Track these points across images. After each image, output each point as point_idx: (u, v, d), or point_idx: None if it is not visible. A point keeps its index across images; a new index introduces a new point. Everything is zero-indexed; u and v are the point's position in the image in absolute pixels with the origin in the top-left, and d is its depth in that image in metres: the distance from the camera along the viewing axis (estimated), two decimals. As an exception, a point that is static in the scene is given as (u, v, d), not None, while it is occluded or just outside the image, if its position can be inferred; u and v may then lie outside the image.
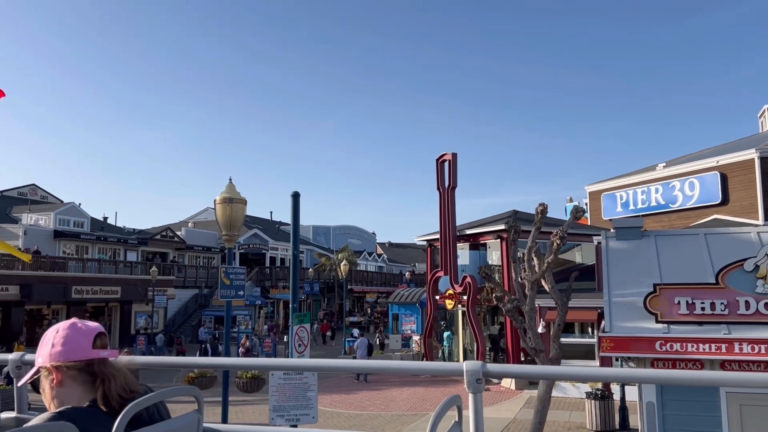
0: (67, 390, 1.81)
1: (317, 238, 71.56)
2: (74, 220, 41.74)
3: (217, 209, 8.70)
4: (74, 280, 34.43)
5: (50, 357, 1.83)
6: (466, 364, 1.81)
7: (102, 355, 1.86)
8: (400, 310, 37.54)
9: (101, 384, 1.80)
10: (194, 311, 45.57)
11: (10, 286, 31.18)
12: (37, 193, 47.91)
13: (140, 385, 1.89)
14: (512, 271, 11.75)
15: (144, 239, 46.30)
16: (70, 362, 1.82)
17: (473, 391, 1.80)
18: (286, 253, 62.14)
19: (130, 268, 40.80)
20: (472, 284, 22.01)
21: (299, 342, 8.07)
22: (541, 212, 12.82)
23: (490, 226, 23.11)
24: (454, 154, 23.38)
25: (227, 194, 8.68)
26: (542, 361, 10.60)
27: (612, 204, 33.06)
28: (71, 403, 1.78)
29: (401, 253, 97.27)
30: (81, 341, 1.85)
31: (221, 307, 43.05)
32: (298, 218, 8.03)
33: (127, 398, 1.77)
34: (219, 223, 8.84)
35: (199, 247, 52.58)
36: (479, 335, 21.66)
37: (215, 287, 48.34)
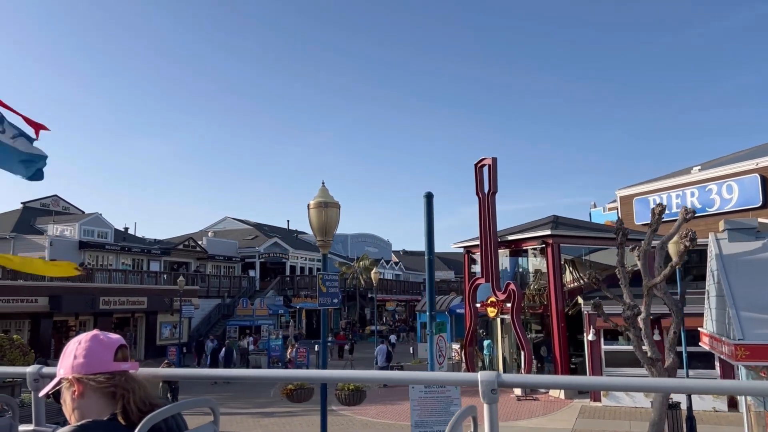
0: (88, 402, 1.82)
1: (335, 246, 71.16)
2: (98, 230, 41.58)
3: (311, 214, 8.31)
4: (101, 291, 34.20)
5: (72, 369, 1.84)
6: (481, 374, 1.77)
7: (123, 368, 1.87)
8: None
9: (121, 397, 1.81)
10: (217, 321, 45.23)
11: (39, 298, 31.00)
12: (59, 204, 47.81)
13: (159, 398, 1.89)
14: (621, 276, 11.25)
15: (167, 249, 46.10)
16: (92, 374, 1.82)
17: (488, 401, 1.76)
18: (306, 262, 61.82)
19: (155, 278, 40.56)
20: (516, 291, 21.54)
21: (439, 353, 7.66)
22: (659, 213, 12.25)
23: (533, 232, 22.65)
24: (494, 159, 22.98)
25: (321, 198, 8.30)
26: (659, 371, 10.13)
27: (645, 209, 32.49)
28: (92, 416, 1.79)
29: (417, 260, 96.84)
30: (103, 354, 1.86)
31: (246, 317, 42.98)
32: (432, 219, 7.66)
33: (146, 411, 1.76)
34: (313, 228, 8.45)
35: (221, 257, 52.32)
36: (525, 344, 21.19)
37: (237, 296, 48.08)
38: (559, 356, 21.12)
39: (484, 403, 1.78)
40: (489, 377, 1.74)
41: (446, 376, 2.04)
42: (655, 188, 32.43)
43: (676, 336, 10.93)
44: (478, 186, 23.52)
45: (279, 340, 31.42)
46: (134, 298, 36.17)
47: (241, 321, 42.65)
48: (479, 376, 1.76)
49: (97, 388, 1.82)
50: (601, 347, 20.04)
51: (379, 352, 25.95)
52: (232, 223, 65.59)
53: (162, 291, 38.96)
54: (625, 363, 20.04)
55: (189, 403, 1.87)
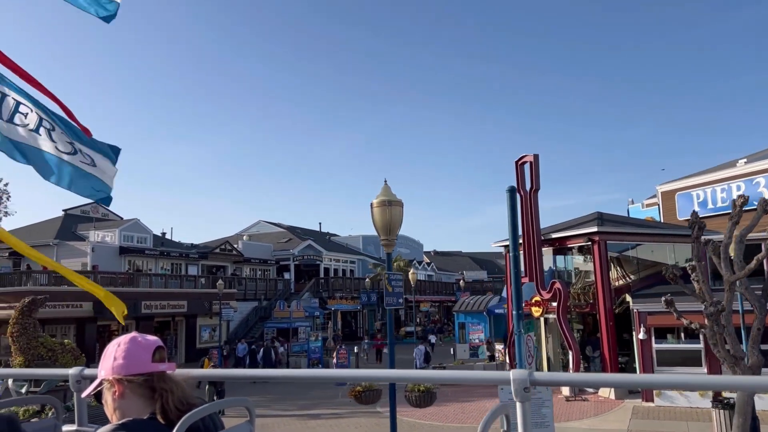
0: (128, 402, 1.87)
1: (367, 248, 71.27)
2: (137, 236, 42.25)
3: (374, 213, 8.23)
4: (143, 296, 34.68)
5: (112, 370, 1.89)
6: (513, 373, 1.77)
7: (161, 369, 1.91)
8: (466, 319, 36.77)
9: (160, 397, 1.86)
10: (255, 323, 45.59)
11: (84, 303, 31.56)
12: (99, 211, 48.72)
13: (196, 397, 1.94)
14: (699, 271, 10.90)
15: (204, 253, 46.63)
16: (131, 375, 1.87)
17: (521, 399, 1.76)
18: (339, 264, 61.97)
19: (194, 282, 41.04)
20: (562, 290, 21.17)
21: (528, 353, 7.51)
22: (741, 205, 11.85)
23: (578, 229, 22.22)
24: (536, 155, 22.64)
25: (384, 197, 8.21)
26: (742, 369, 9.77)
27: (688, 203, 31.70)
28: (132, 415, 1.84)
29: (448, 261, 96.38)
30: (141, 355, 1.91)
31: (283, 319, 43.18)
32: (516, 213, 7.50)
33: (183, 410, 1.82)
34: (377, 227, 8.36)
35: (256, 260, 52.76)
36: (573, 343, 20.81)
37: (274, 299, 48.40)
38: (608, 356, 20.68)
39: (517, 401, 1.76)
40: (521, 375, 1.72)
41: (480, 375, 2.05)
42: (698, 182, 31.61)
43: (760, 333, 10.50)
44: (519, 183, 23.19)
45: (318, 341, 31.44)
46: (174, 302, 36.63)
47: (278, 323, 42.86)
48: (511, 375, 1.75)
49: (136, 389, 1.88)
50: (652, 346, 19.56)
51: (417, 353, 25.84)
52: (266, 226, 66.12)
53: (201, 294, 39.40)
54: (678, 362, 19.56)
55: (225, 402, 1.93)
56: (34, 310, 18.65)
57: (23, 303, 18.60)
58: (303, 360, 31.74)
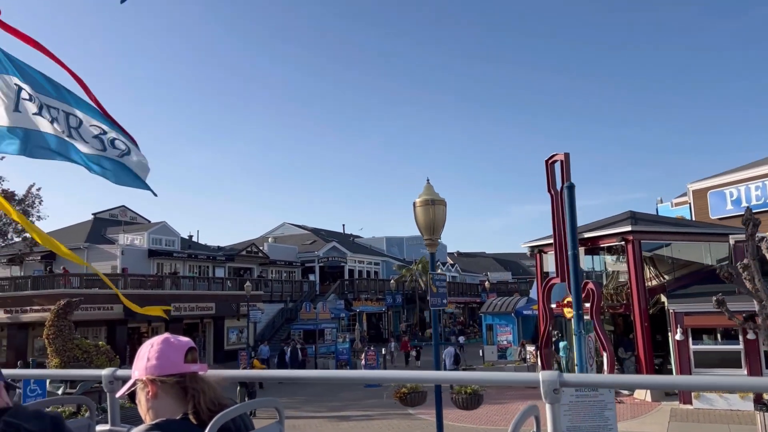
0: (161, 402, 1.89)
1: (391, 250, 71.16)
2: (165, 239, 42.69)
3: (417, 212, 8.12)
4: (172, 298, 35.00)
5: (146, 370, 1.92)
6: (542, 374, 1.76)
7: (193, 369, 1.93)
8: (494, 321, 36.44)
9: (192, 397, 1.88)
10: (281, 325, 45.77)
11: (114, 305, 31.94)
12: (127, 214, 49.35)
13: (227, 398, 1.96)
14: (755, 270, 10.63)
15: (231, 255, 46.95)
16: (164, 376, 1.89)
17: (550, 401, 1.75)
18: (363, 266, 61.96)
19: (221, 284, 41.33)
20: (596, 290, 20.83)
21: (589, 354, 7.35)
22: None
23: (611, 228, 21.85)
24: (566, 154, 22.29)
25: (428, 196, 8.09)
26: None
27: (720, 202, 31.04)
28: (165, 415, 1.86)
29: (471, 262, 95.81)
30: (173, 356, 1.93)
31: (310, 321, 43.25)
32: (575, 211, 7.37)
33: (215, 411, 1.84)
34: (420, 226, 8.25)
35: (281, 262, 52.98)
36: (607, 344, 20.45)
37: (299, 300, 48.54)
38: (643, 357, 20.30)
39: (546, 403, 1.74)
40: (551, 377, 1.71)
41: (510, 377, 2.04)
42: (731, 180, 30.92)
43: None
44: (550, 183, 22.90)
45: (346, 343, 31.40)
46: (203, 304, 36.94)
47: (304, 325, 42.93)
48: (540, 376, 1.74)
49: (169, 389, 1.90)
50: (690, 347, 19.15)
51: (446, 355, 25.61)
52: (291, 228, 66.38)
53: (228, 296, 39.68)
54: (716, 363, 19.12)
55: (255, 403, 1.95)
56: (69, 312, 18.90)
57: (59, 305, 18.87)
58: (331, 361, 31.73)
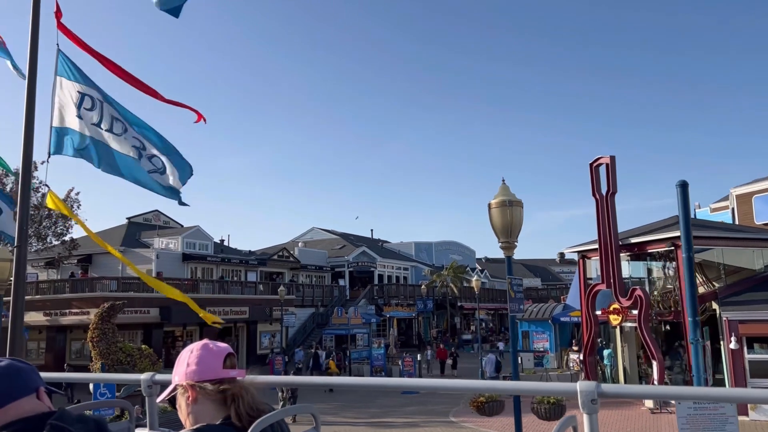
0: (201, 407, 1.91)
1: (419, 255, 70.76)
2: (199, 243, 42.91)
3: (492, 214, 7.82)
4: (207, 302, 35.05)
5: (186, 376, 1.94)
6: (580, 384, 1.74)
7: (231, 375, 1.95)
8: (530, 327, 35.85)
9: (231, 402, 1.89)
10: (312, 330, 45.64)
11: (151, 309, 32.13)
12: (160, 219, 49.75)
13: (264, 403, 1.96)
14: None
15: (263, 260, 47.03)
16: (203, 381, 1.91)
17: (588, 411, 1.71)
18: (393, 271, 61.68)
19: (253, 289, 41.38)
20: (644, 297, 20.24)
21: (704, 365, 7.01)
22: None
23: (660, 234, 21.22)
24: (612, 157, 21.78)
25: (504, 196, 7.79)
26: None
27: (766, 207, 30.16)
28: (205, 420, 1.88)
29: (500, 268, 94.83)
30: (213, 361, 1.95)
31: (342, 325, 43.10)
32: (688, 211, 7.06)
33: (254, 416, 1.85)
34: (496, 229, 7.95)
35: (312, 267, 52.95)
36: (657, 353, 19.83)
37: (330, 305, 48.43)
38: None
39: (584, 414, 1.73)
40: (588, 387, 1.71)
41: (547, 387, 1.99)
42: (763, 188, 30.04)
43: None
44: (595, 187, 22.37)
45: (381, 349, 31.11)
46: (237, 308, 36.98)
47: (336, 330, 42.80)
48: (578, 386, 1.73)
49: (208, 394, 1.91)
50: (745, 356, 18.48)
51: (487, 362, 25.21)
52: (320, 233, 66.44)
53: (261, 301, 39.69)
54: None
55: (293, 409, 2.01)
56: (113, 315, 19.00)
57: (102, 308, 18.97)
58: (365, 367, 31.46)
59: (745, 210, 32.39)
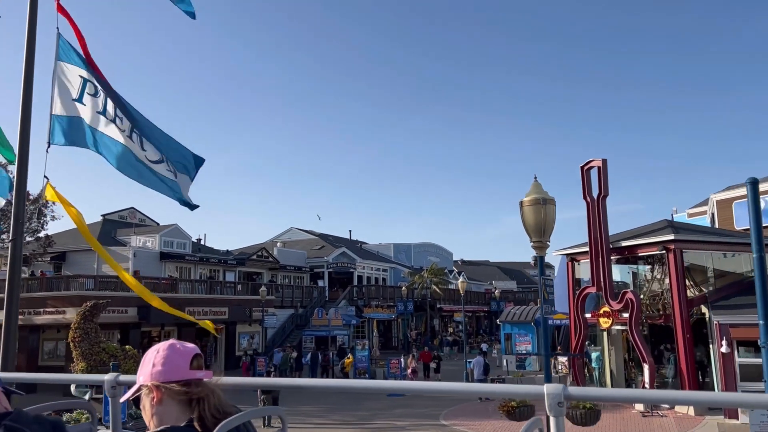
0: (166, 408, 1.88)
1: (398, 256, 70.56)
2: (177, 241, 42.02)
3: (524, 212, 7.56)
4: (186, 302, 34.34)
5: (151, 376, 1.91)
6: (547, 387, 1.73)
7: (198, 376, 1.92)
8: (513, 330, 35.90)
9: (197, 404, 1.86)
10: (291, 331, 45.06)
11: (129, 309, 31.27)
12: (136, 216, 48.69)
13: (231, 405, 1.93)
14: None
15: (241, 260, 46.29)
16: (169, 382, 1.88)
17: (555, 414, 1.71)
18: (372, 272, 61.35)
19: (233, 289, 40.67)
20: (635, 301, 20.29)
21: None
22: None
23: (651, 237, 21.31)
24: (604, 160, 21.86)
25: (537, 194, 7.52)
26: None
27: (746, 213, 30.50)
28: (170, 421, 1.86)
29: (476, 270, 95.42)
30: (179, 362, 1.92)
31: (322, 327, 42.63)
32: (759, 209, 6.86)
33: (220, 418, 1.83)
34: (528, 227, 7.69)
35: (291, 267, 52.34)
36: (648, 356, 19.88)
37: (309, 306, 47.87)
38: (686, 370, 19.73)
39: (551, 416, 1.73)
40: (555, 390, 1.72)
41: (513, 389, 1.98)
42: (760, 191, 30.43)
43: None
44: (586, 190, 22.41)
45: (366, 351, 30.76)
46: (216, 309, 36.27)
47: (317, 331, 42.33)
48: (545, 389, 1.73)
49: (174, 395, 1.87)
50: (735, 360, 18.61)
51: (476, 364, 25.06)
52: (298, 233, 65.80)
53: (241, 301, 39.01)
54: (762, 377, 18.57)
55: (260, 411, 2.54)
56: (96, 314, 18.34)
57: (85, 307, 18.29)
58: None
59: (725, 215, 32.87)
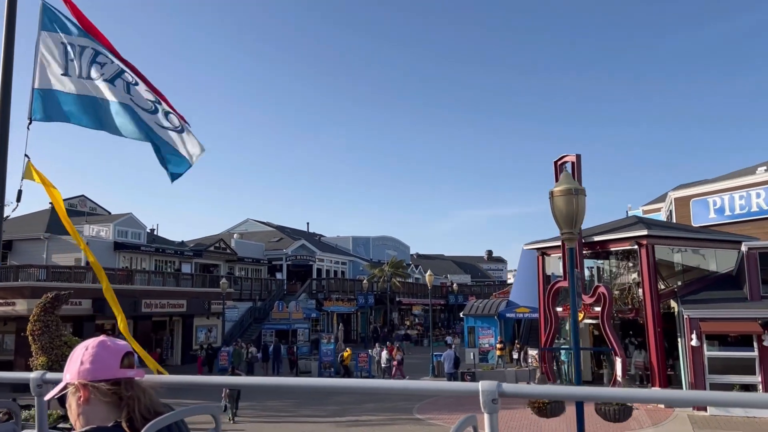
0: (93, 408, 1.81)
1: (356, 249, 70.17)
2: (132, 231, 40.44)
3: (556, 202, 7.32)
4: (143, 294, 33.13)
5: (78, 374, 1.83)
6: (482, 384, 1.76)
7: (129, 375, 1.85)
8: (476, 323, 36.07)
9: (126, 404, 1.80)
10: (250, 325, 44.12)
11: (83, 300, 29.87)
12: (86, 205, 46.74)
13: (163, 405, 1.87)
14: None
15: (199, 251, 44.99)
16: (98, 381, 1.81)
17: (489, 411, 1.74)
18: (331, 265, 60.76)
19: (191, 281, 39.45)
20: (608, 295, 20.52)
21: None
22: None
23: (624, 232, 21.57)
24: (578, 155, 21.90)
25: (568, 184, 7.29)
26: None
27: (703, 210, 31.47)
28: (96, 422, 1.79)
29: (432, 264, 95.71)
30: (109, 360, 1.85)
31: (283, 320, 41.89)
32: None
33: (150, 419, 1.76)
34: (559, 218, 7.46)
35: (249, 259, 51.26)
36: (619, 350, 20.16)
37: (268, 300, 46.97)
38: (656, 364, 20.08)
39: (485, 413, 1.75)
40: (490, 387, 1.74)
41: (447, 386, 2.02)
42: (715, 189, 31.39)
43: None
44: (559, 184, 22.52)
45: (332, 344, 30.26)
46: (174, 301, 35.10)
47: (277, 324, 41.56)
48: (480, 386, 1.75)
49: (102, 395, 1.80)
50: (704, 353, 19.04)
51: (446, 358, 25.02)
52: (255, 225, 64.52)
53: (200, 294, 37.87)
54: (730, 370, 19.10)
55: (190, 410, 1.95)
56: (57, 306, 17.31)
57: (46, 299, 17.24)
58: (314, 363, 30.52)
59: (683, 212, 33.72)
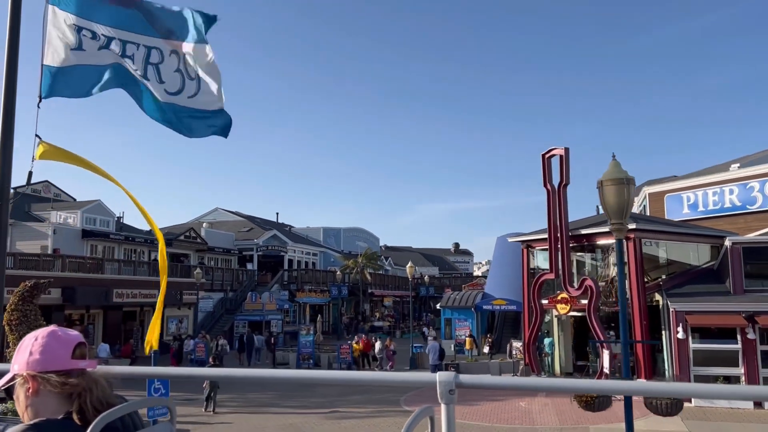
0: (43, 400, 1.77)
1: (327, 240, 69.67)
2: (100, 218, 39.20)
3: (605, 192, 7.13)
4: (114, 283, 32.12)
5: (27, 365, 1.79)
6: (440, 375, 1.77)
7: (80, 366, 1.81)
8: (453, 315, 36.14)
9: (78, 396, 1.76)
10: (221, 315, 43.32)
11: (53, 289, 28.56)
12: (50, 191, 45.11)
13: (117, 397, 1.83)
14: None
15: (169, 240, 43.82)
16: (47, 372, 1.77)
17: (446, 402, 1.75)
18: (303, 256, 60.15)
19: (162, 270, 38.41)
20: (594, 288, 20.69)
21: None
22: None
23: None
24: (566, 149, 22.11)
25: (618, 174, 7.10)
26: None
27: (677, 206, 32.05)
28: (46, 414, 1.76)
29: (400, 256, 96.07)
30: (60, 351, 1.81)
31: (256, 311, 41.21)
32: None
33: (102, 411, 1.71)
34: (608, 209, 7.28)
35: (219, 249, 50.31)
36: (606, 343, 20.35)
37: (239, 290, 46.19)
38: (642, 357, 20.33)
39: (442, 404, 1.76)
40: (447, 378, 1.75)
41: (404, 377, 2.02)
42: (689, 185, 31.99)
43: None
44: (546, 178, 22.60)
45: (310, 336, 29.87)
46: (147, 291, 34.10)
47: (250, 316, 40.89)
48: (437, 377, 1.76)
49: (52, 386, 1.76)
50: (689, 346, 19.34)
51: (431, 349, 24.92)
52: (224, 214, 63.40)
53: (172, 284, 36.83)
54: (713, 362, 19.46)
55: (144, 402, 1.87)
56: (36, 295, 16.50)
57: (24, 287, 16.39)
58: (292, 355, 30.11)
59: (657, 208, 34.27)
